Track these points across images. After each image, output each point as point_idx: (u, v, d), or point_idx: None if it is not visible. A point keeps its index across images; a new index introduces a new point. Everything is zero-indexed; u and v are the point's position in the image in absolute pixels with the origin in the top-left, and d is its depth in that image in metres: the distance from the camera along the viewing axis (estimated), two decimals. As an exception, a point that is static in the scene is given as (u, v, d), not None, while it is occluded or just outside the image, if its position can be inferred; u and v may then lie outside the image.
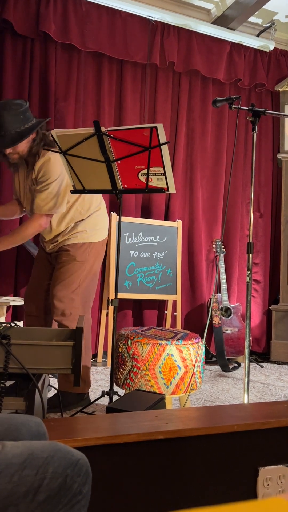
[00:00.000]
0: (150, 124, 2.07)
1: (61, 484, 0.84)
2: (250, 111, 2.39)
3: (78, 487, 0.86)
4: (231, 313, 3.93)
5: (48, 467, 0.84)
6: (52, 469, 0.84)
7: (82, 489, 0.87)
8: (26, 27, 3.39)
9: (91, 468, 0.90)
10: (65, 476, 0.85)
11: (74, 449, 0.90)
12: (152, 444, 1.32)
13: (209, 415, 1.58)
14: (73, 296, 2.44)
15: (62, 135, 2.15)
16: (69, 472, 0.85)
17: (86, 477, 0.88)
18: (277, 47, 4.36)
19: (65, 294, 2.43)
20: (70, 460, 0.87)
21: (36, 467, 0.83)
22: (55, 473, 0.84)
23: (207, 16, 4.10)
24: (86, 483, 0.88)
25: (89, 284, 2.55)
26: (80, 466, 0.87)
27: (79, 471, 0.87)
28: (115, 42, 3.67)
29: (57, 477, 0.84)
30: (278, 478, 1.45)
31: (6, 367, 1.43)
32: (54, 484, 0.83)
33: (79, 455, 0.89)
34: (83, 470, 0.88)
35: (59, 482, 0.84)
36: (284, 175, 4.21)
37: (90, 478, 0.90)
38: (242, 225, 4.32)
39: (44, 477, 0.83)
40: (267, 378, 3.45)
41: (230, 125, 4.25)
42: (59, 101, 3.59)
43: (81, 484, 0.87)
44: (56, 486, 0.83)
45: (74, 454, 0.88)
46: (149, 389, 2.22)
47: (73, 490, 0.85)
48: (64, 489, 0.84)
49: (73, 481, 0.85)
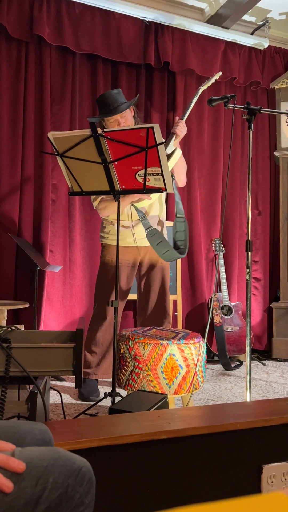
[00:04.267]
0: (146, 125, 2.07)
1: (62, 495, 0.79)
2: (246, 109, 2.39)
3: (80, 497, 0.81)
4: (231, 311, 3.93)
5: (49, 477, 0.78)
6: (52, 479, 0.79)
7: (84, 500, 0.82)
8: (20, 30, 3.40)
9: (94, 470, 0.86)
10: (66, 486, 0.79)
11: (76, 456, 0.85)
12: (155, 444, 1.32)
13: (211, 413, 1.58)
14: None
15: (59, 138, 2.15)
16: (71, 482, 0.80)
17: (89, 486, 0.83)
18: (271, 45, 4.37)
19: None
20: (72, 468, 0.81)
21: (35, 477, 0.78)
22: (55, 483, 0.79)
23: (201, 15, 4.11)
24: (89, 493, 0.83)
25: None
26: (83, 474, 0.82)
27: (81, 480, 0.82)
28: (110, 44, 3.68)
29: (58, 487, 0.79)
30: (282, 475, 1.45)
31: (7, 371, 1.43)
32: (55, 495, 0.78)
33: (82, 462, 0.84)
34: (86, 478, 0.83)
35: (59, 493, 0.79)
36: (282, 172, 4.21)
37: (93, 486, 0.85)
38: (241, 223, 4.32)
39: (44, 488, 0.78)
40: (269, 375, 3.45)
41: (227, 124, 4.25)
42: (54, 104, 3.60)
43: (83, 494, 0.82)
44: (56, 497, 0.78)
45: (76, 462, 0.83)
46: (152, 390, 2.22)
47: (74, 501, 0.80)
48: (65, 500, 0.79)
49: (75, 491, 0.80)
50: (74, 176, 2.24)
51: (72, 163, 2.20)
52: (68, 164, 2.21)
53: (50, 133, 2.16)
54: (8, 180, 3.45)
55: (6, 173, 3.44)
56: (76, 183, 2.27)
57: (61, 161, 2.21)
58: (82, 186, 2.28)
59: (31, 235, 3.52)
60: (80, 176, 2.25)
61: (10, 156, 3.46)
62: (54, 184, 3.60)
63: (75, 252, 3.66)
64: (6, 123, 3.46)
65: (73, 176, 2.25)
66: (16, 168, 3.47)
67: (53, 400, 2.59)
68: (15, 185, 3.47)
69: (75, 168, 2.22)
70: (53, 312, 3.58)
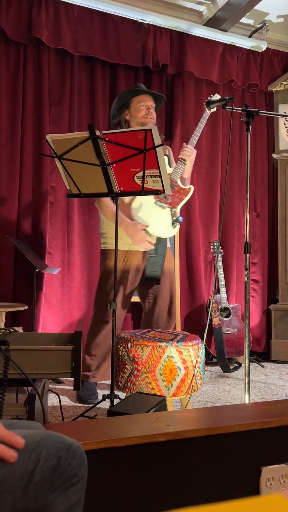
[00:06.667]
0: (144, 127, 2.07)
1: (55, 466, 0.83)
2: (244, 111, 2.40)
3: (73, 469, 0.85)
4: (230, 313, 3.93)
5: (42, 450, 0.83)
6: (45, 451, 0.83)
7: (77, 472, 0.86)
8: (18, 33, 3.40)
9: (92, 473, 0.89)
10: (59, 457, 0.84)
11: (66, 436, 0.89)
12: (153, 447, 1.32)
13: (210, 416, 1.58)
14: None
15: (57, 140, 2.15)
16: (63, 454, 0.84)
17: (81, 461, 0.87)
18: (269, 47, 4.38)
19: None
20: (63, 443, 0.86)
21: (28, 451, 0.82)
22: (48, 455, 0.83)
23: (199, 18, 4.12)
24: (81, 467, 0.87)
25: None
26: (74, 449, 0.87)
27: (73, 454, 0.86)
28: (108, 46, 3.68)
29: (51, 458, 0.83)
30: (281, 477, 1.45)
31: (6, 373, 1.43)
32: (48, 465, 0.82)
33: (72, 440, 0.89)
34: (77, 453, 0.87)
35: (53, 464, 0.83)
36: (280, 174, 4.21)
37: (85, 462, 0.89)
38: (239, 226, 4.33)
39: (37, 459, 0.82)
40: (268, 377, 3.45)
41: (225, 126, 4.26)
42: (53, 106, 3.60)
43: (76, 467, 0.86)
44: (50, 467, 0.82)
45: (67, 439, 0.88)
46: (150, 392, 2.21)
47: (67, 472, 0.84)
48: (59, 471, 0.83)
49: (68, 463, 0.84)
50: (73, 178, 2.24)
51: (71, 165, 2.20)
52: (67, 166, 2.21)
53: (49, 135, 2.16)
54: (7, 182, 3.45)
55: (4, 175, 3.44)
56: (75, 185, 2.27)
57: (60, 163, 2.21)
58: (81, 188, 2.28)
59: (29, 237, 3.51)
60: (78, 178, 2.25)
61: (8, 158, 3.46)
62: (53, 186, 3.60)
63: (74, 254, 3.66)
64: (5, 125, 3.46)
65: (72, 178, 2.25)
66: (14, 170, 3.47)
67: (52, 403, 2.59)
68: (14, 187, 3.47)
69: (74, 170, 2.22)
70: (52, 314, 3.57)
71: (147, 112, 2.83)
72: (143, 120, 2.83)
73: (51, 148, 2.16)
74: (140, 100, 2.84)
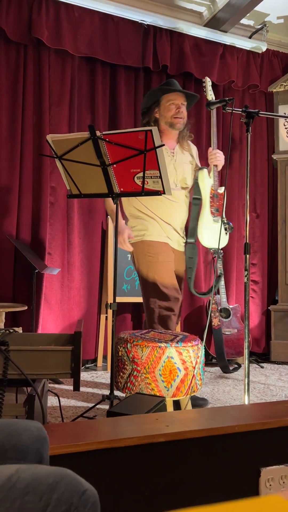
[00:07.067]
0: (145, 128, 2.08)
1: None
2: (244, 112, 2.40)
3: None
4: (230, 314, 3.93)
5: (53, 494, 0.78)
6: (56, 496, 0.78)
7: None
8: (19, 33, 3.40)
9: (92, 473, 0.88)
10: (70, 504, 0.78)
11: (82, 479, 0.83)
12: (153, 447, 1.32)
13: (209, 416, 1.58)
14: None
15: (57, 140, 2.15)
16: (75, 501, 0.78)
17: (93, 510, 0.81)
18: (269, 48, 4.38)
19: None
20: (77, 488, 0.80)
21: (40, 492, 0.77)
22: (58, 501, 0.77)
23: (199, 19, 4.12)
24: None
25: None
26: (87, 497, 0.80)
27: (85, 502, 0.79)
28: (108, 47, 3.69)
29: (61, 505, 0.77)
30: (280, 478, 1.45)
31: (5, 373, 1.43)
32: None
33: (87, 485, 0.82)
34: (90, 501, 0.80)
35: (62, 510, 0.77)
36: (280, 175, 4.22)
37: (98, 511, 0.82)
38: (239, 226, 4.33)
39: (47, 503, 0.77)
40: (268, 378, 3.45)
41: (225, 127, 4.26)
42: (53, 106, 3.60)
43: None
44: None
45: (82, 483, 0.81)
46: (150, 392, 2.21)
47: None
48: None
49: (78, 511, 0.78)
50: (73, 178, 2.25)
51: (71, 166, 2.20)
52: (67, 167, 2.21)
53: (49, 136, 2.16)
54: (7, 182, 3.45)
55: (4, 176, 3.44)
56: (75, 185, 2.27)
57: (60, 163, 2.21)
58: (81, 189, 2.28)
59: (29, 237, 3.51)
60: (78, 179, 2.25)
61: (8, 159, 3.46)
62: (53, 187, 3.60)
63: (74, 254, 3.65)
64: (5, 125, 3.46)
65: (72, 179, 2.25)
66: (14, 170, 3.47)
67: (51, 403, 2.59)
68: (14, 188, 3.47)
69: (74, 171, 2.22)
70: (51, 315, 3.57)
71: (177, 111, 2.74)
72: (173, 120, 2.74)
73: (51, 148, 2.17)
74: (170, 99, 2.73)
